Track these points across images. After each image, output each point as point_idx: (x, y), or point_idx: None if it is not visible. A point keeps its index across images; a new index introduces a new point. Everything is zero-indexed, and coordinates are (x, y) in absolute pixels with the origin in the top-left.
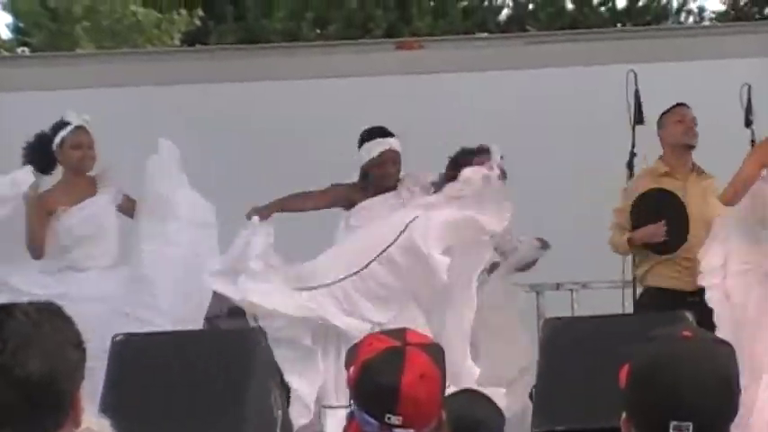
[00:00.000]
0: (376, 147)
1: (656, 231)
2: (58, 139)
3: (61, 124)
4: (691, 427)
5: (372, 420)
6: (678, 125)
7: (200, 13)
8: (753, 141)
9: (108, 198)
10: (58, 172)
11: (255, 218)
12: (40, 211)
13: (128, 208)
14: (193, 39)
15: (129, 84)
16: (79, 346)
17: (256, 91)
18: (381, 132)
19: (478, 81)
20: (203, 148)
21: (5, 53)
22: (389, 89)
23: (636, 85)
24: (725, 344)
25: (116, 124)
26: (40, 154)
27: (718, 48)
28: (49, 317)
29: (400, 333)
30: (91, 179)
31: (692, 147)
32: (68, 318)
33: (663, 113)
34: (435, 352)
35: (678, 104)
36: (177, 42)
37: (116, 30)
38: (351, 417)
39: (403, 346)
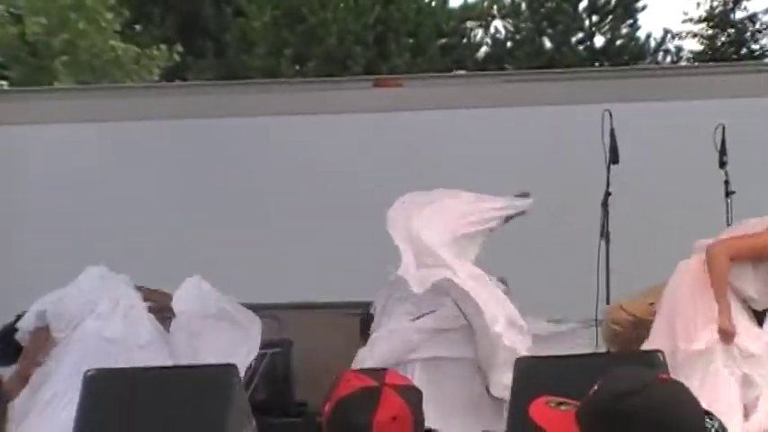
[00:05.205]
0: None
1: None
2: None
3: None
4: None
5: None
6: None
7: (180, 48)
8: (726, 182)
9: None
10: None
11: None
12: None
13: None
14: (172, 74)
15: (107, 119)
16: None
17: (236, 127)
18: None
19: (456, 118)
20: (182, 183)
21: None
22: (367, 126)
23: (611, 124)
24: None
25: (94, 158)
26: None
27: (694, 88)
28: None
29: (380, 374)
30: None
31: None
32: None
33: None
34: (412, 396)
35: None
36: (156, 78)
37: (95, 65)
38: None
39: (380, 387)
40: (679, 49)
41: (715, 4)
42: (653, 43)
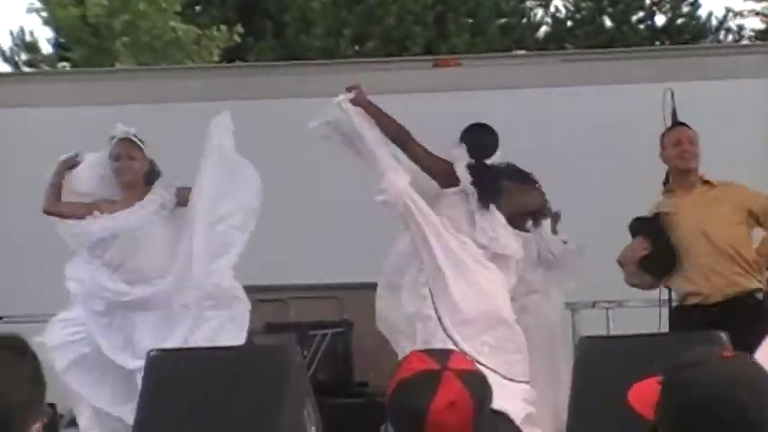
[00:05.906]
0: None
1: (632, 253)
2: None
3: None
4: None
5: None
6: (674, 148)
7: (240, 29)
8: None
9: (148, 205)
10: None
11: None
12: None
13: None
14: (233, 55)
15: (167, 100)
16: (35, 382)
17: (295, 107)
18: None
19: (516, 98)
20: None
21: (46, 68)
22: (427, 106)
23: (673, 103)
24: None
25: (153, 140)
26: None
27: (756, 67)
28: (1, 352)
29: (444, 356)
30: (147, 189)
31: (686, 170)
32: (27, 352)
33: (663, 134)
34: (475, 380)
35: (678, 124)
36: (216, 59)
37: (155, 46)
38: None
39: (441, 371)
40: (741, 27)
41: None
42: (714, 22)
